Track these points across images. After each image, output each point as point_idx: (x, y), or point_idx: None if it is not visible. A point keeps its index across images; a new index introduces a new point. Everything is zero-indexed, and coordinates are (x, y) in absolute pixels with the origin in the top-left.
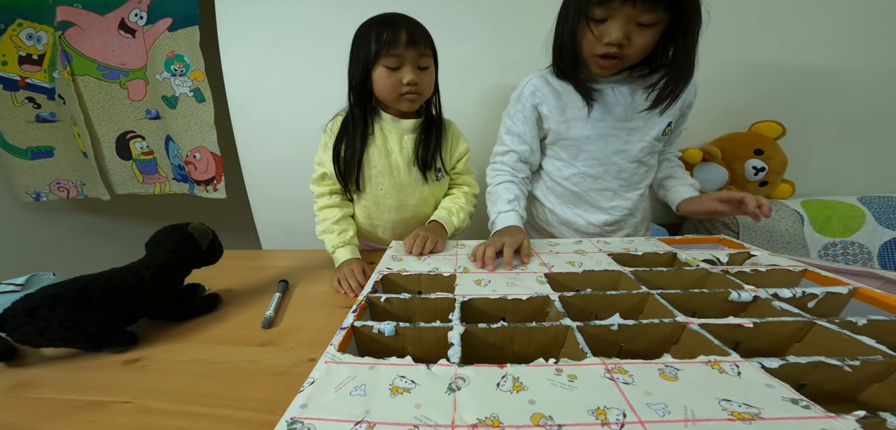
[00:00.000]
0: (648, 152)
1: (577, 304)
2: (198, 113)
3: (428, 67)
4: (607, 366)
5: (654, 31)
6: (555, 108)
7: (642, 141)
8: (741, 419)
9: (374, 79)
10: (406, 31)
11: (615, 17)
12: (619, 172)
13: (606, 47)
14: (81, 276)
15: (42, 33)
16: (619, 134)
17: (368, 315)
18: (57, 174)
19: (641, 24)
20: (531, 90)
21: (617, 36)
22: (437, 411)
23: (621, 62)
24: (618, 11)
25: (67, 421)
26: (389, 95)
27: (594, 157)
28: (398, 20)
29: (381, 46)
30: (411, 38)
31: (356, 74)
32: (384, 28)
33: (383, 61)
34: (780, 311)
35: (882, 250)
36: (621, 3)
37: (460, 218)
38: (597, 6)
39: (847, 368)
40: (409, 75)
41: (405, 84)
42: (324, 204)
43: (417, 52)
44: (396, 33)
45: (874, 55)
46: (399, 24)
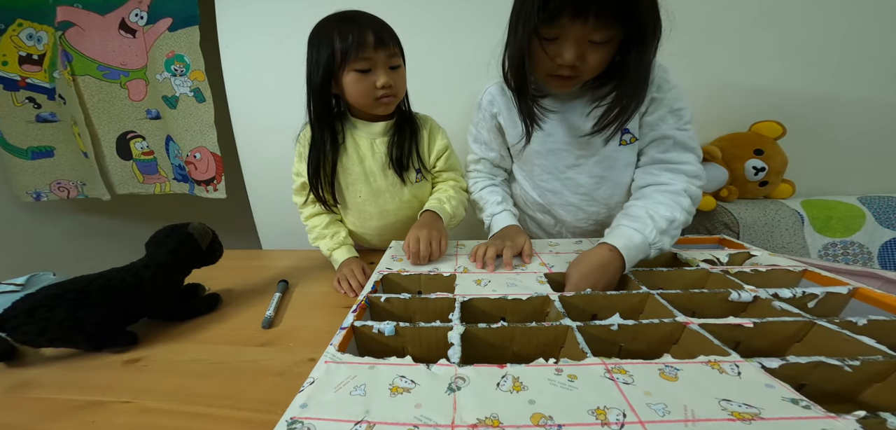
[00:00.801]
0: (609, 166)
1: (576, 304)
2: (198, 113)
3: (398, 66)
4: (607, 366)
5: (608, 47)
6: (509, 120)
7: (596, 156)
8: (741, 419)
9: (343, 84)
10: (373, 31)
11: (567, 36)
12: (577, 188)
13: (559, 68)
14: (81, 276)
15: (42, 33)
16: (571, 149)
17: (368, 315)
18: (57, 174)
19: (594, 41)
20: (488, 100)
21: (570, 57)
22: (437, 411)
23: (576, 81)
24: (568, 30)
25: (67, 421)
26: (363, 100)
27: (548, 171)
28: (362, 19)
29: (348, 49)
30: (379, 39)
31: (316, 78)
32: (348, 28)
33: (352, 65)
34: (780, 311)
35: (882, 250)
36: (571, 22)
37: (453, 205)
38: (546, 25)
39: (847, 368)
40: (382, 78)
41: (380, 88)
42: (310, 213)
43: (387, 53)
44: (363, 34)
45: (874, 55)
46: (364, 24)
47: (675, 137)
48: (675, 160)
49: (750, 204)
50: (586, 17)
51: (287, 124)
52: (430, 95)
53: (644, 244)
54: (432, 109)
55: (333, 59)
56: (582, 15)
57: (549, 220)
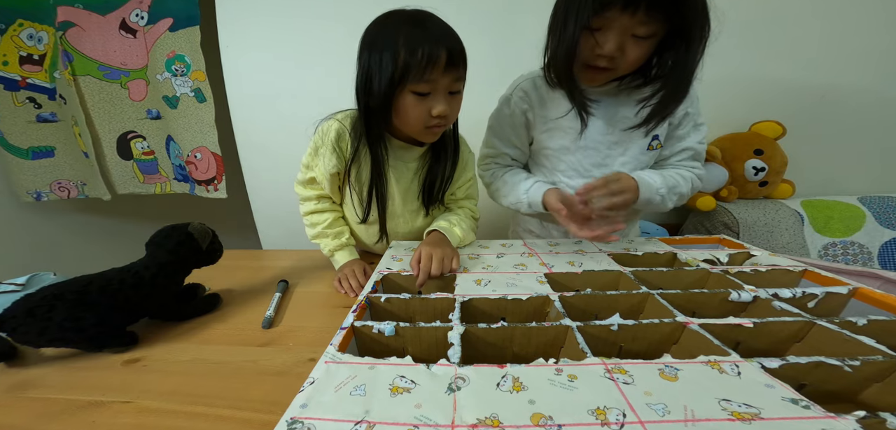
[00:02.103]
0: (632, 168)
1: (577, 304)
2: (198, 113)
3: (459, 92)
4: (607, 366)
5: (649, 43)
6: (540, 115)
7: (623, 156)
8: (741, 419)
9: (395, 102)
10: (447, 50)
11: (611, 27)
12: None
13: (598, 58)
14: (81, 276)
15: (43, 33)
16: (600, 148)
17: (368, 315)
18: (58, 174)
19: (637, 35)
20: (520, 96)
21: (610, 47)
22: (437, 411)
23: (611, 74)
24: (614, 22)
25: (67, 421)
26: (414, 126)
27: (573, 168)
28: (433, 27)
29: (414, 65)
30: (451, 59)
31: (377, 91)
32: (419, 41)
33: (413, 85)
34: (780, 311)
35: (882, 250)
36: (619, 14)
37: (463, 229)
38: (595, 15)
39: (847, 368)
40: (440, 107)
41: (434, 116)
42: (312, 209)
43: (453, 78)
44: (435, 53)
45: (874, 55)
46: (437, 36)
47: (695, 150)
48: (691, 166)
49: (750, 204)
50: (636, 9)
51: (287, 124)
52: None
53: (657, 186)
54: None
55: (395, 70)
56: (632, 6)
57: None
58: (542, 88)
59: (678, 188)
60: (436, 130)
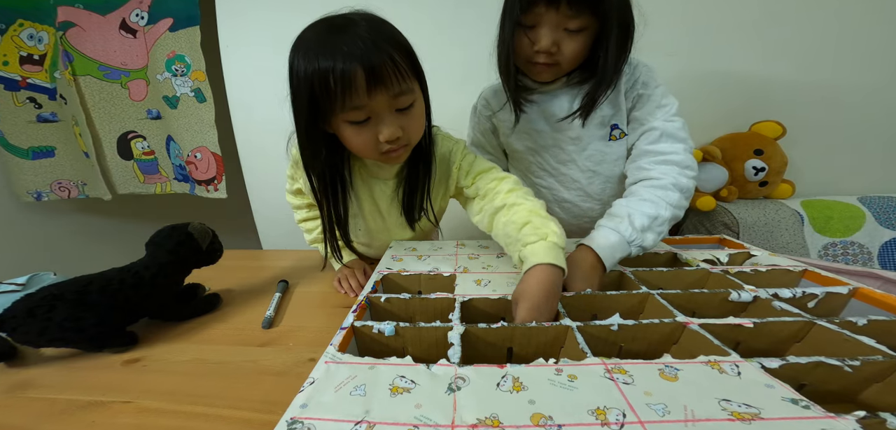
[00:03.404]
0: (599, 161)
1: (576, 304)
2: (199, 113)
3: (411, 105)
4: (607, 366)
5: (582, 37)
6: (504, 119)
7: (586, 150)
8: (741, 419)
9: (338, 134)
10: (363, 66)
11: (542, 23)
12: (572, 182)
13: (537, 54)
14: (81, 276)
15: (43, 33)
16: (562, 144)
17: (368, 315)
18: (58, 174)
19: (569, 29)
20: (483, 104)
21: (545, 43)
22: (437, 411)
23: (557, 69)
24: (544, 17)
25: (67, 421)
26: (367, 155)
27: (542, 168)
28: (348, 41)
29: (332, 96)
30: (374, 76)
31: (300, 126)
32: (328, 63)
33: (343, 115)
34: (780, 311)
35: (882, 250)
36: (546, 9)
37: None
38: (525, 12)
39: (847, 368)
40: (386, 131)
41: (385, 142)
42: (304, 216)
43: (391, 94)
44: (350, 73)
45: (874, 56)
46: (350, 52)
47: (663, 128)
48: (664, 151)
49: (750, 204)
50: (558, 4)
51: (287, 125)
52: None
53: (622, 243)
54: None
55: (315, 103)
56: (555, 2)
57: None
58: (501, 93)
59: (660, 217)
60: (395, 155)
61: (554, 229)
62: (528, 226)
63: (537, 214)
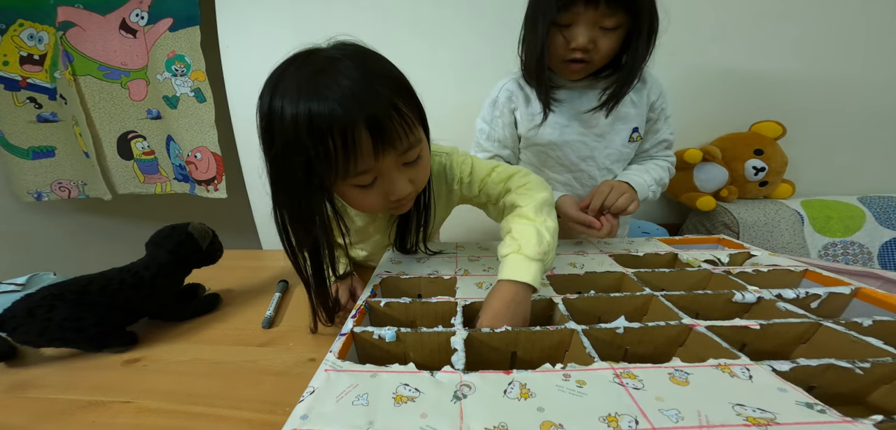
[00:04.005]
0: (616, 160)
1: (580, 306)
2: (198, 113)
3: (419, 156)
4: (616, 371)
5: (617, 34)
6: (526, 113)
7: (608, 148)
8: (756, 424)
9: (343, 196)
10: (368, 129)
11: (580, 21)
12: (588, 180)
13: (572, 53)
14: (81, 276)
15: (43, 33)
16: (586, 140)
17: (368, 321)
18: (58, 174)
19: (605, 27)
20: (506, 95)
21: (583, 41)
22: (443, 420)
23: (589, 66)
24: (582, 16)
25: (67, 421)
26: (372, 209)
27: (561, 163)
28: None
29: (335, 165)
30: (381, 137)
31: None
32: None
33: (347, 181)
34: (784, 312)
35: (882, 250)
36: (584, 8)
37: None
38: (562, 12)
39: (858, 370)
40: (397, 190)
41: (393, 201)
42: None
43: (399, 151)
44: (352, 139)
45: (874, 55)
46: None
47: (668, 141)
48: (667, 156)
49: (750, 204)
50: (597, 2)
51: None
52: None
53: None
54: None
55: (312, 174)
56: (593, 1)
57: None
58: (524, 86)
59: (662, 180)
60: (404, 205)
61: (530, 238)
62: (509, 235)
63: (523, 217)
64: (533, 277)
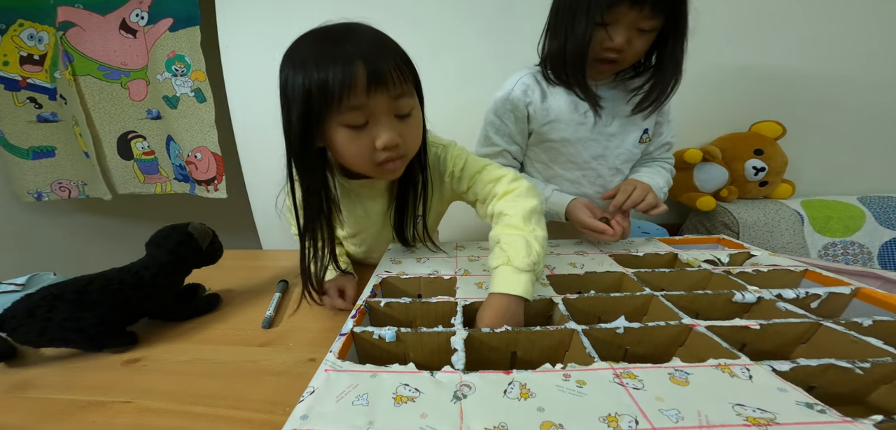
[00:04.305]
0: (626, 160)
1: (580, 306)
2: (199, 113)
3: (411, 112)
4: (616, 371)
5: (651, 36)
6: (541, 107)
7: (620, 148)
8: (757, 424)
9: (330, 143)
10: (366, 64)
11: (620, 21)
12: (597, 178)
13: (606, 52)
14: (81, 276)
15: (43, 33)
16: (599, 139)
17: (368, 321)
18: (58, 174)
19: (642, 29)
20: (522, 89)
21: (620, 41)
22: (443, 420)
23: (617, 66)
24: (623, 16)
25: (67, 421)
26: (360, 164)
27: (572, 161)
28: (351, 41)
29: (331, 95)
30: (377, 76)
31: (293, 138)
32: (329, 59)
33: (339, 118)
34: (784, 312)
35: (882, 250)
36: (628, 9)
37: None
38: (606, 11)
39: (858, 371)
40: (384, 136)
41: (382, 150)
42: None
43: (391, 95)
44: (351, 71)
45: (874, 55)
46: (353, 51)
47: (670, 143)
48: (668, 158)
49: (750, 204)
50: (643, 5)
51: None
52: (430, 98)
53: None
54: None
55: (310, 108)
56: (640, 2)
57: None
58: (541, 82)
59: (669, 183)
60: (391, 165)
61: (518, 249)
62: (498, 245)
63: (512, 227)
64: (524, 288)
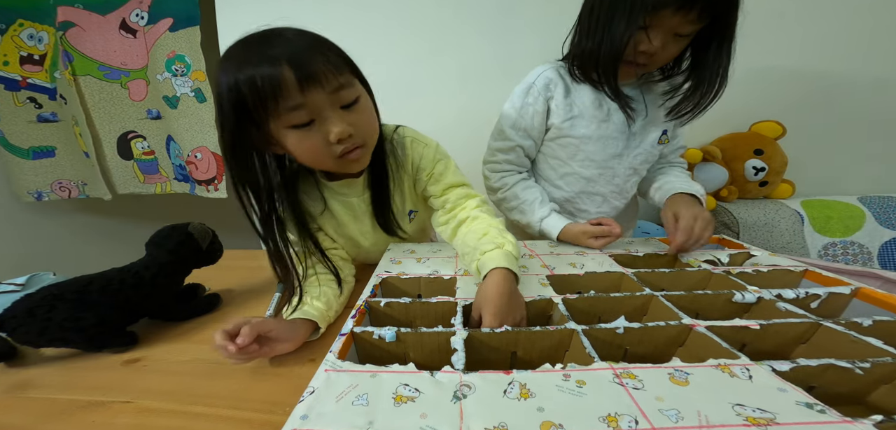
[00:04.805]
0: (643, 161)
1: (580, 306)
2: (199, 113)
3: (357, 100)
4: (616, 371)
5: (687, 41)
6: (563, 103)
7: (639, 148)
8: (756, 424)
9: (283, 147)
10: (290, 64)
11: (660, 25)
12: (613, 177)
13: (639, 55)
14: (81, 276)
15: (43, 33)
16: (620, 138)
17: (368, 321)
18: (58, 174)
19: (680, 33)
20: (544, 82)
21: (657, 44)
22: (443, 420)
23: (645, 69)
24: (665, 21)
25: (67, 421)
26: (322, 161)
27: (591, 158)
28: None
29: (264, 99)
30: (305, 74)
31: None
32: (254, 65)
33: (281, 120)
34: (784, 312)
35: (882, 250)
36: (672, 13)
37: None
38: (650, 14)
39: (858, 371)
40: (335, 129)
41: (336, 143)
42: None
43: (329, 90)
44: (277, 73)
45: (874, 55)
46: (278, 53)
47: (684, 146)
48: (679, 162)
49: (750, 204)
50: (690, 9)
51: None
52: (428, 99)
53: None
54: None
55: (246, 116)
56: (686, 7)
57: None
58: (565, 77)
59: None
60: (353, 156)
61: (511, 239)
62: (486, 236)
63: (496, 227)
64: (517, 269)
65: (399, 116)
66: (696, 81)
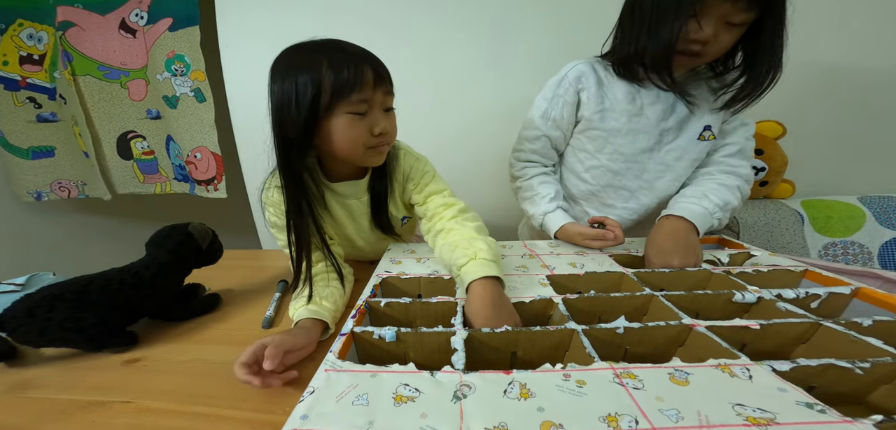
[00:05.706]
0: (678, 157)
1: (580, 306)
2: (198, 113)
3: (392, 109)
4: (616, 371)
5: (740, 30)
6: (595, 95)
7: (673, 143)
8: (756, 424)
9: (328, 130)
10: (371, 67)
11: (710, 13)
12: (642, 172)
13: (690, 44)
14: (81, 276)
15: (43, 33)
16: (651, 132)
17: (368, 321)
18: (58, 174)
19: (732, 22)
20: (577, 75)
21: (708, 32)
22: (443, 420)
23: (697, 61)
24: (715, 9)
25: (67, 421)
26: (354, 148)
27: (620, 151)
28: (356, 51)
29: (343, 86)
30: (379, 75)
31: (296, 122)
32: (342, 61)
33: (346, 107)
34: (784, 312)
35: (882, 250)
36: (722, 1)
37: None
38: (698, 2)
39: (858, 370)
40: (382, 123)
41: (376, 135)
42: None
43: (383, 92)
44: (361, 68)
45: (874, 55)
46: (361, 57)
47: (741, 146)
48: (734, 165)
49: (750, 204)
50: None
51: None
52: (427, 100)
53: (706, 214)
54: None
55: (320, 97)
56: None
57: (591, 210)
58: (599, 71)
59: (729, 204)
60: (380, 150)
61: (481, 247)
62: (457, 249)
63: (466, 237)
64: (497, 270)
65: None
66: (746, 71)
